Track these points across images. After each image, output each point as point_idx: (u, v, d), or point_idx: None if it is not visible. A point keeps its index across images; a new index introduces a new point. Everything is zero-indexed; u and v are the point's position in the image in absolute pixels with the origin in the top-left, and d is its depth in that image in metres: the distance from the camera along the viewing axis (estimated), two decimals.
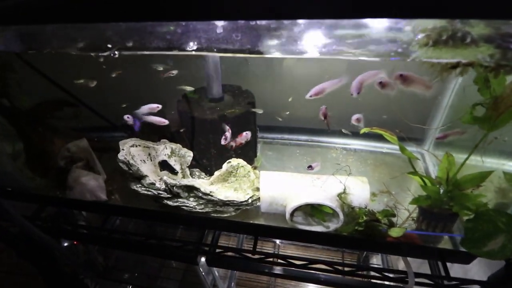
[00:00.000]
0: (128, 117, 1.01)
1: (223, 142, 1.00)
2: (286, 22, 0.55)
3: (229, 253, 1.10)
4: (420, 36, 0.58)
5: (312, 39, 0.61)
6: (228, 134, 1.00)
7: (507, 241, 0.77)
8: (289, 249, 3.38)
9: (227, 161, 1.07)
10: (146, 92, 1.08)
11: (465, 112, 0.78)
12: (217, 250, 1.12)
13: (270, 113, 1.29)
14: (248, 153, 1.15)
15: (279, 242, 3.49)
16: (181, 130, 1.06)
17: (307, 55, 0.64)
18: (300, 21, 0.57)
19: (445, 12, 0.51)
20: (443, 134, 0.87)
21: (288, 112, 1.18)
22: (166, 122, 1.00)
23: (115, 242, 1.26)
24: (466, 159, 0.81)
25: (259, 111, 1.08)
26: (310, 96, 0.79)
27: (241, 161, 1.08)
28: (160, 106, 0.98)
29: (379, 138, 0.94)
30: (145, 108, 0.99)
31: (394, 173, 1.17)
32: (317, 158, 1.34)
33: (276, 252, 3.05)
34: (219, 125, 1.01)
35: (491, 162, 0.87)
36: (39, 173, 1.24)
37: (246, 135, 1.01)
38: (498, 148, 0.85)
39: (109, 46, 0.61)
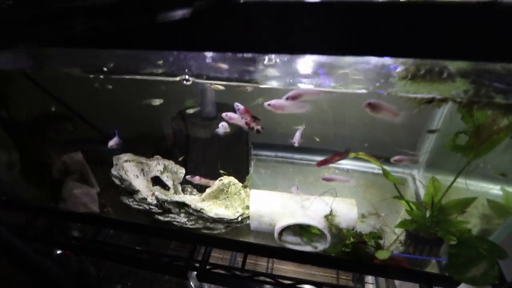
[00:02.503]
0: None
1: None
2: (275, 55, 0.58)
3: (219, 270, 1.10)
4: (399, 69, 0.60)
5: (303, 71, 0.64)
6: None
7: (489, 268, 0.78)
8: (283, 265, 3.34)
9: (219, 178, 1.08)
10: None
11: (448, 140, 0.80)
12: (208, 267, 1.13)
13: (265, 130, 1.32)
14: (240, 170, 1.17)
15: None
16: (180, 154, 1.08)
17: (301, 86, 0.68)
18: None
19: (426, 53, 0.53)
20: (399, 158, 0.89)
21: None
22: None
23: (107, 254, 1.26)
24: (450, 185, 0.83)
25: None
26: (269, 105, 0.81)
27: (232, 179, 1.09)
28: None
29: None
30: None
31: (385, 195, 1.18)
32: (309, 176, 1.36)
33: (269, 268, 3.02)
34: (211, 143, 1.03)
35: (479, 186, 0.89)
36: (34, 184, 1.25)
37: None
38: (485, 173, 0.87)
39: (105, 69, 0.64)
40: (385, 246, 0.98)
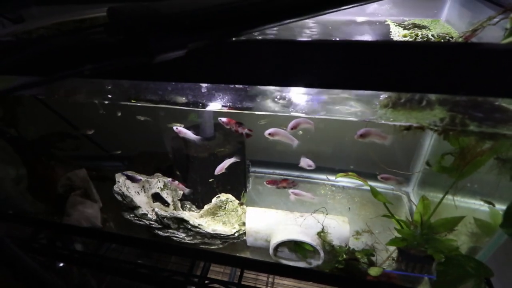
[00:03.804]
0: None
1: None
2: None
3: (216, 285, 1.13)
4: (382, 97, 0.65)
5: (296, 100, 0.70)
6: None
7: (476, 285, 0.80)
8: (284, 280, 3.32)
9: (217, 196, 1.12)
10: None
11: (436, 161, 0.84)
12: (206, 281, 1.15)
13: (263, 148, 1.37)
14: (237, 187, 1.21)
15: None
16: (177, 173, 1.13)
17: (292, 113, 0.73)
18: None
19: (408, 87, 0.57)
20: (386, 176, 0.92)
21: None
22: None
23: (108, 268, 1.29)
24: (438, 205, 0.86)
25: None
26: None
27: (230, 196, 1.13)
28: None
29: (367, 176, 1.00)
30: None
31: (380, 212, 1.20)
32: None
33: (269, 283, 3.00)
34: (209, 162, 1.07)
35: (469, 204, 0.92)
36: (40, 199, 1.30)
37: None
38: (475, 191, 0.90)
39: (110, 96, 0.70)
40: (378, 263, 1.00)
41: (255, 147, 1.32)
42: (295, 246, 1.02)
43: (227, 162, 1.04)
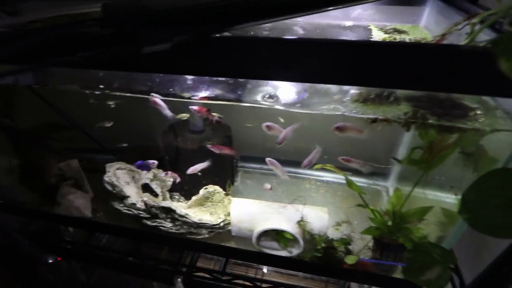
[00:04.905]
0: None
1: None
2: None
3: (200, 273, 1.17)
4: (353, 92, 0.71)
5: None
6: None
7: (442, 271, 0.86)
8: (273, 277, 3.37)
9: (204, 187, 1.17)
10: None
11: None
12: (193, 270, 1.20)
13: (252, 144, 1.42)
14: (226, 180, 1.25)
15: (266, 269, 3.49)
16: (166, 157, 1.18)
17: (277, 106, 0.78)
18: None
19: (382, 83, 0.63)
20: (346, 158, 0.99)
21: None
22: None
23: (96, 258, 1.33)
24: (408, 195, 0.92)
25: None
26: (279, 144, 0.96)
27: (217, 188, 1.18)
28: None
29: (350, 171, 1.05)
30: None
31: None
32: (291, 188, 1.44)
33: (259, 275, 3.06)
34: (198, 155, 1.12)
35: (440, 196, 0.99)
36: (31, 188, 1.33)
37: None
38: (444, 183, 0.97)
39: (101, 86, 0.74)
40: (355, 251, 1.06)
41: (244, 143, 1.38)
42: (277, 235, 1.07)
43: (200, 166, 1.10)
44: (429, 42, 1.02)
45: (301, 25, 1.27)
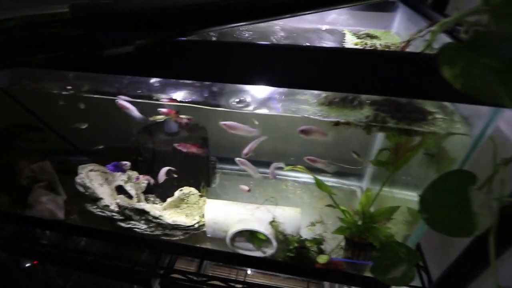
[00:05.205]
0: None
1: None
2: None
3: (178, 275, 1.18)
4: (320, 96, 0.73)
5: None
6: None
7: (407, 269, 0.89)
8: (256, 277, 3.38)
9: (180, 189, 1.17)
10: None
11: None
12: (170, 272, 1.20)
13: (230, 146, 1.43)
14: (201, 182, 1.26)
15: (250, 271, 3.50)
16: (139, 159, 1.17)
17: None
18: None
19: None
20: (312, 158, 1.01)
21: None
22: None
23: (73, 261, 1.31)
24: (376, 195, 0.95)
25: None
26: (245, 155, 0.99)
27: (192, 189, 1.18)
28: None
29: (326, 172, 1.08)
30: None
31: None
32: (268, 189, 1.46)
33: (240, 276, 3.06)
34: (172, 156, 1.12)
35: (409, 195, 1.02)
36: (2, 191, 1.30)
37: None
38: (410, 183, 1.00)
39: (69, 87, 0.74)
40: (329, 251, 1.08)
41: (222, 145, 1.38)
42: (250, 236, 1.08)
43: (164, 171, 1.11)
44: (393, 48, 1.06)
45: (279, 29, 1.29)
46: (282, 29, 1.31)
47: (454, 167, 0.81)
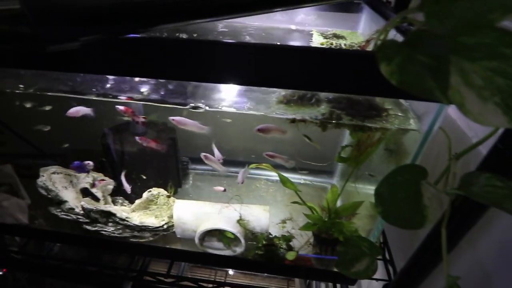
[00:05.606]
0: None
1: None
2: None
3: (148, 278, 1.16)
4: (280, 95, 0.74)
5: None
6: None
7: (370, 263, 0.91)
8: (238, 278, 3.38)
9: (148, 190, 1.16)
10: None
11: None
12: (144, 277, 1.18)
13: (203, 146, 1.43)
14: (170, 183, 1.24)
15: (232, 271, 3.50)
16: (104, 160, 1.15)
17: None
18: None
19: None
20: (271, 154, 1.02)
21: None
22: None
23: (45, 268, 1.27)
24: (341, 192, 0.98)
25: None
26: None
27: (161, 190, 1.17)
28: None
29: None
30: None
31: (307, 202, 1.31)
32: (241, 188, 1.46)
33: (218, 276, 3.06)
34: (139, 157, 1.11)
35: (370, 189, 1.05)
36: None
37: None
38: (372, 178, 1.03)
39: (21, 86, 0.71)
40: (298, 248, 1.09)
41: (195, 146, 1.37)
42: (220, 235, 1.08)
43: (123, 176, 1.11)
44: (355, 47, 1.09)
45: (249, 28, 1.30)
46: (252, 27, 1.32)
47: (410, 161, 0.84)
